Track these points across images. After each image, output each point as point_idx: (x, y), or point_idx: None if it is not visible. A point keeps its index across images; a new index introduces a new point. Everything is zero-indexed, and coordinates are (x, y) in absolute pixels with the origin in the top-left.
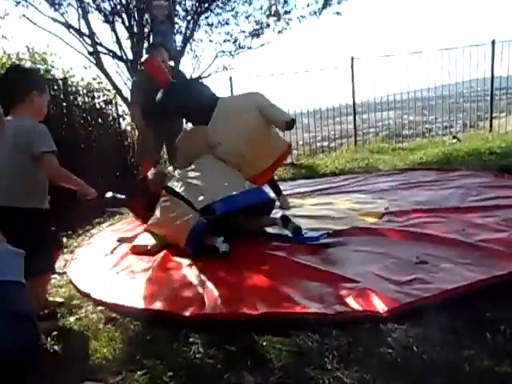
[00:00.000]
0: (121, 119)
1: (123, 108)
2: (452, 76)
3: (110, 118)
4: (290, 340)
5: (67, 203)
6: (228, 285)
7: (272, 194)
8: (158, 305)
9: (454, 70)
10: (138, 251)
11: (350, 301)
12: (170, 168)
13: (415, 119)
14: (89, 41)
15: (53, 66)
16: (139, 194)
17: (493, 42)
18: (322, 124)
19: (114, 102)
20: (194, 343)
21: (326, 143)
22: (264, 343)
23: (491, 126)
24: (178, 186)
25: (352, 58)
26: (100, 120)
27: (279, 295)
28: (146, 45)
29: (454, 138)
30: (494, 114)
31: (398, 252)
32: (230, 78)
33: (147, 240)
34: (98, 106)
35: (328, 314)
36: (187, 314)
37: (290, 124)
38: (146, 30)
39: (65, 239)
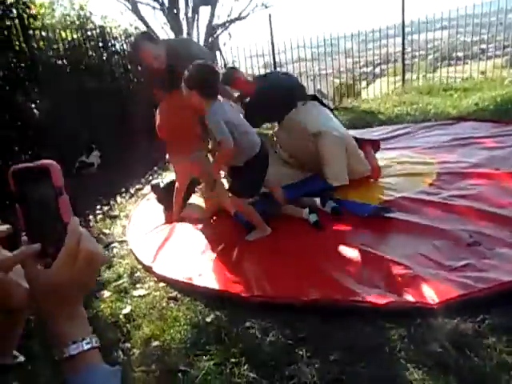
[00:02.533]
0: None
1: None
2: None
3: None
4: (345, 331)
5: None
6: (281, 267)
7: None
8: (215, 285)
9: None
10: (189, 219)
11: (402, 289)
12: None
13: (471, 39)
14: None
15: (91, 13)
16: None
17: None
18: (366, 48)
19: None
20: (251, 327)
21: (369, 69)
22: (319, 331)
23: None
24: None
25: None
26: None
27: (331, 280)
28: None
29: None
30: None
31: (450, 228)
32: (270, 15)
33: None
34: None
35: (380, 304)
36: (245, 295)
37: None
38: None
39: (118, 199)
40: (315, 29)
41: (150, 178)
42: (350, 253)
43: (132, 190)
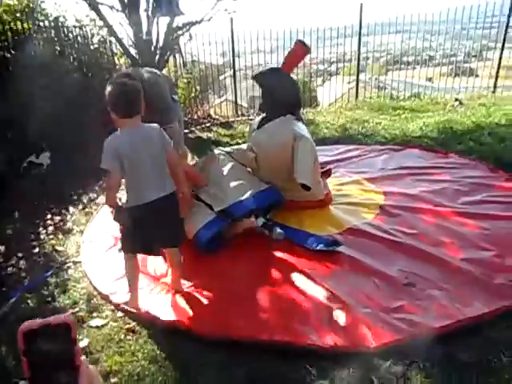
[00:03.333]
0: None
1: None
2: None
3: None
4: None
5: None
6: (230, 301)
7: None
8: (171, 316)
9: None
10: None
11: (344, 330)
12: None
13: (422, 45)
14: None
15: (43, 1)
16: None
17: None
18: (324, 45)
19: (108, 40)
20: (209, 363)
21: (323, 66)
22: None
23: (495, 85)
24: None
25: None
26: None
27: (277, 318)
28: None
29: (457, 100)
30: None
31: (389, 266)
32: (231, 20)
33: None
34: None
35: (322, 346)
36: (202, 330)
37: (305, 188)
38: None
39: (71, 208)
40: (274, 23)
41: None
42: (298, 284)
43: (85, 199)
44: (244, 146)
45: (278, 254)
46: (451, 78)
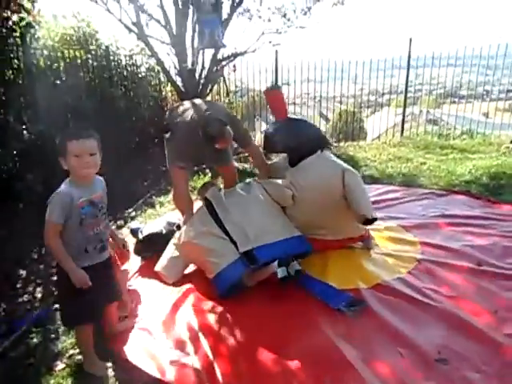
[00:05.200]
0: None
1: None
2: None
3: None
4: None
5: None
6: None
7: None
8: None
9: None
10: (162, 277)
11: None
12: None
13: (476, 79)
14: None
15: (96, 31)
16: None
17: None
18: (371, 76)
19: (155, 69)
20: None
21: (373, 97)
22: None
23: None
24: (221, 213)
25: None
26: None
27: None
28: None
29: None
30: None
31: (420, 334)
32: (276, 51)
33: (171, 257)
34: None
35: None
36: None
37: (368, 222)
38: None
39: None
40: (322, 54)
41: (131, 215)
42: (313, 346)
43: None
44: (279, 181)
45: (292, 305)
46: (508, 114)
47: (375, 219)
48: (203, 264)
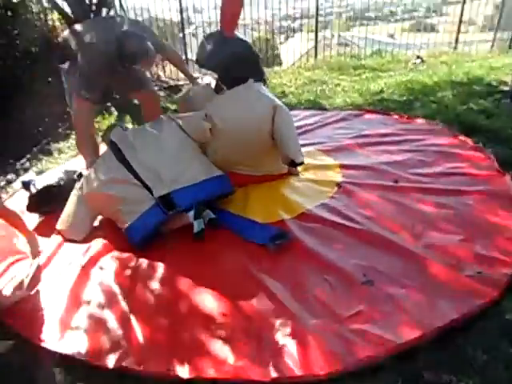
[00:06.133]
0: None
1: None
2: None
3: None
4: None
5: None
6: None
7: None
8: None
9: None
10: (67, 236)
11: (288, 357)
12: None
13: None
14: None
15: None
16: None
17: None
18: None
19: None
20: None
21: (287, 23)
22: None
23: (457, 40)
24: (130, 156)
25: None
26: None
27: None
28: None
29: (418, 57)
30: None
31: (346, 258)
32: None
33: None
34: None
35: (263, 381)
36: (109, 364)
37: (294, 164)
38: None
39: None
40: None
41: (24, 167)
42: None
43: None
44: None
45: (213, 246)
46: (412, 34)
47: (302, 163)
48: (114, 214)
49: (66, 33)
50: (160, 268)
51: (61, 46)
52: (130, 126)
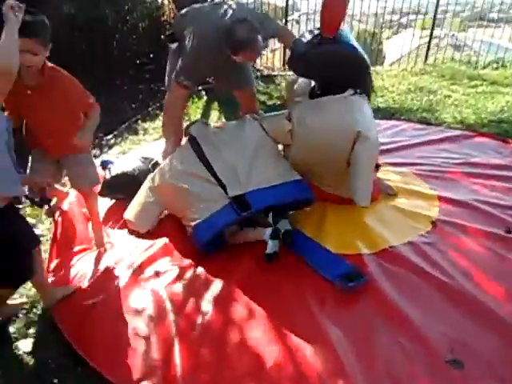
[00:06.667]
0: None
1: None
2: None
3: None
4: None
5: None
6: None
7: None
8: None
9: None
10: (131, 226)
11: None
12: None
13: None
14: None
15: None
16: None
17: None
18: None
19: None
20: None
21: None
22: None
23: None
24: (208, 151)
25: None
26: None
27: None
28: None
29: None
30: None
31: (430, 322)
32: None
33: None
34: None
35: None
36: None
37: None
38: None
39: None
40: None
41: (109, 143)
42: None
43: None
44: (275, 114)
45: (278, 271)
46: None
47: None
48: (182, 211)
49: (180, 14)
50: (217, 286)
51: (173, 25)
52: (216, 113)
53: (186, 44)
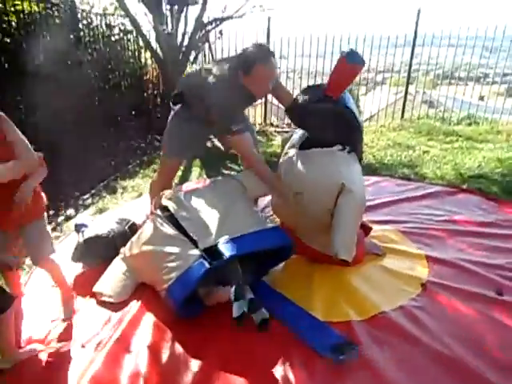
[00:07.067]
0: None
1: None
2: None
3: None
4: None
5: None
6: None
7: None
8: None
9: None
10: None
11: None
12: None
13: (478, 61)
14: None
15: None
16: None
17: None
18: (377, 53)
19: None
20: None
21: (371, 75)
22: None
23: None
24: (180, 215)
25: None
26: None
27: None
28: None
29: None
30: None
31: None
32: (269, 18)
33: (118, 274)
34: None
35: None
36: None
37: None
38: None
39: None
40: (321, 26)
41: (86, 203)
42: None
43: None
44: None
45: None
46: (504, 98)
47: (346, 261)
48: (154, 275)
49: (184, 78)
50: (194, 364)
51: (178, 88)
52: (197, 170)
53: (191, 105)
